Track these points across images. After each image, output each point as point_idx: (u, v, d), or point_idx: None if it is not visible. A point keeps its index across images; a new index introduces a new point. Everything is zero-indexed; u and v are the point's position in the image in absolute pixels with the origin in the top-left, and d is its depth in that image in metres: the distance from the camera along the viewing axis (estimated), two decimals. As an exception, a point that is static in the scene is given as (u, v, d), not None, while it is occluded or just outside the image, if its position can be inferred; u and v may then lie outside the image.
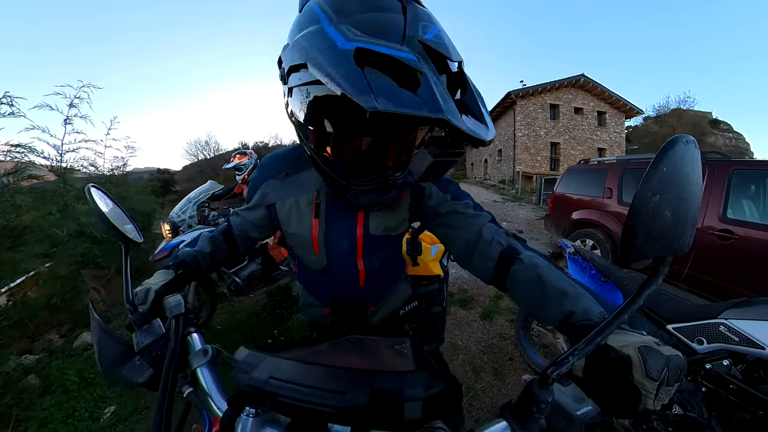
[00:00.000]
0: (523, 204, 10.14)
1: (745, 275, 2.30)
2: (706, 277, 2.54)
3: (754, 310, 1.04)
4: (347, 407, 0.30)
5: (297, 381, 0.33)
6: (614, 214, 3.42)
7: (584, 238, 3.77)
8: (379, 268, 0.72)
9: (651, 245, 0.30)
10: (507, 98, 16.08)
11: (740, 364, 1.01)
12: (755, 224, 2.32)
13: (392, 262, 0.78)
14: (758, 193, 2.43)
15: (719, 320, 1.07)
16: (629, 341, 0.35)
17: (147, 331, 0.51)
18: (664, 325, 1.20)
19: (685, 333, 1.14)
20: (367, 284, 0.72)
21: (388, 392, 0.31)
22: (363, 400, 0.30)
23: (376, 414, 0.31)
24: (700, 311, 1.16)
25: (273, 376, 0.34)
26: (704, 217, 2.57)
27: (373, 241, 0.67)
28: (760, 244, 2.23)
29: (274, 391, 0.33)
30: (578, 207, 3.94)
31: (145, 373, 0.48)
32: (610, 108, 16.81)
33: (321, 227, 0.66)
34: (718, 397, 1.00)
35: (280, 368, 0.35)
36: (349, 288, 0.72)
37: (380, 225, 0.67)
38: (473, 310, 2.83)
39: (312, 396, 0.32)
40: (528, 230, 6.27)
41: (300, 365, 0.35)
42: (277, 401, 0.32)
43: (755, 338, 0.97)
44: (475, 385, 1.86)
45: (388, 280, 0.80)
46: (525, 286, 0.53)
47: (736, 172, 2.50)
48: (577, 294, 0.47)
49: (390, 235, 0.69)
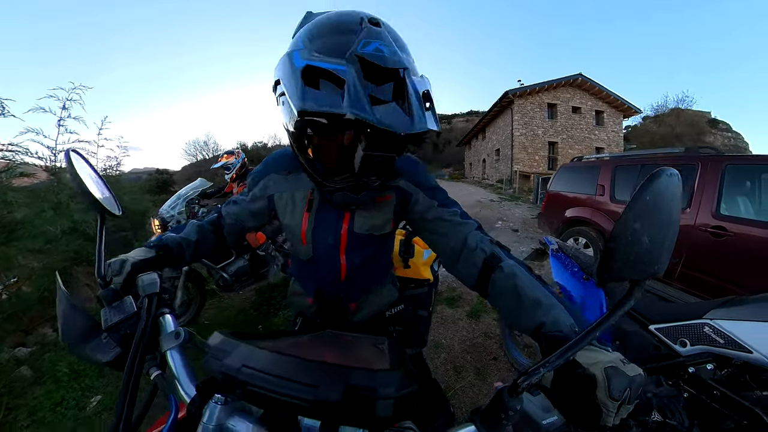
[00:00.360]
0: (520, 203, 10.11)
1: (739, 273, 2.22)
2: (699, 275, 2.47)
3: (741, 310, 0.96)
4: (319, 401, 0.30)
5: (270, 371, 0.32)
6: (606, 212, 3.35)
7: (577, 236, 3.70)
8: (361, 265, 0.74)
9: (628, 268, 0.31)
10: (504, 98, 16.00)
11: (725, 368, 0.93)
12: (749, 221, 2.25)
13: (376, 262, 0.80)
14: (752, 188, 2.36)
15: (703, 321, 0.99)
16: (597, 360, 0.36)
17: (117, 308, 0.50)
18: (646, 325, 1.12)
19: (667, 334, 1.06)
20: (348, 279, 0.75)
21: (361, 389, 0.31)
22: (335, 395, 0.30)
23: (348, 410, 0.30)
24: (685, 311, 1.08)
25: (246, 364, 0.33)
26: (697, 214, 2.50)
27: (356, 239, 0.71)
28: (755, 241, 2.16)
29: (246, 380, 0.32)
30: (571, 205, 3.87)
31: (112, 352, 0.46)
32: (608, 107, 16.75)
33: (310, 221, 0.71)
34: (701, 403, 0.92)
35: (254, 357, 0.34)
36: (331, 281, 0.76)
37: (365, 224, 0.70)
38: (460, 308, 2.77)
39: (284, 388, 0.31)
40: (523, 229, 6.20)
41: (274, 355, 0.34)
42: (248, 390, 0.32)
43: (741, 340, 0.89)
44: (456, 384, 1.81)
45: (370, 279, 0.82)
46: (503, 295, 0.55)
47: (729, 167, 2.43)
48: (550, 305, 0.49)
49: (374, 235, 0.71)
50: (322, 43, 0.49)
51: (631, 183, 3.17)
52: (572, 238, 3.76)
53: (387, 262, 0.88)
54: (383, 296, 0.87)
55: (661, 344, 1.05)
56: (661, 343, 1.06)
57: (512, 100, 15.78)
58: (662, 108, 24.99)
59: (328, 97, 0.43)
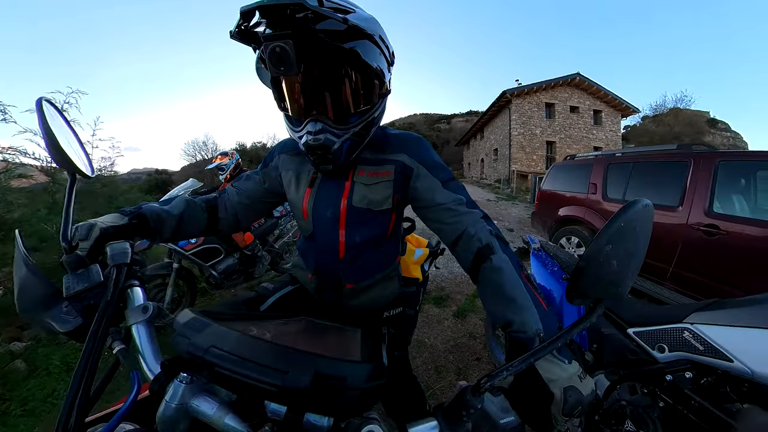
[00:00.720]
0: (517, 203, 10.07)
1: (732, 273, 2.15)
2: (691, 275, 2.39)
3: (723, 314, 0.89)
4: (287, 387, 0.30)
5: (239, 354, 0.32)
6: (599, 210, 3.28)
7: (569, 236, 3.63)
8: (361, 244, 0.73)
9: (594, 288, 0.34)
10: (502, 97, 15.94)
11: (705, 377, 0.85)
12: (743, 218, 2.17)
13: (378, 246, 0.77)
14: (746, 185, 2.28)
15: (683, 325, 0.92)
16: (557, 377, 0.38)
17: (81, 276, 0.47)
18: (624, 328, 1.05)
19: (646, 338, 0.98)
20: (347, 258, 0.74)
21: (329, 378, 0.31)
22: (304, 382, 0.30)
23: (315, 397, 0.31)
24: (665, 314, 1.00)
25: (215, 345, 0.33)
26: (689, 212, 2.43)
27: (355, 213, 0.70)
28: (749, 240, 2.09)
29: (213, 361, 0.32)
30: (564, 203, 3.80)
31: (72, 322, 0.44)
32: (606, 107, 16.67)
33: (312, 196, 0.72)
34: (677, 414, 0.85)
35: (224, 338, 0.34)
36: (330, 257, 0.75)
37: (363, 198, 0.69)
38: (447, 308, 2.72)
39: (253, 371, 0.31)
40: (519, 228, 6.15)
41: (245, 338, 0.34)
42: (216, 372, 0.32)
43: (722, 348, 0.82)
44: (435, 384, 1.77)
45: (370, 264, 0.78)
46: (486, 285, 0.57)
47: (722, 163, 2.35)
48: (524, 306, 0.50)
49: (372, 210, 0.70)
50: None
51: (624, 181, 3.09)
52: (565, 238, 3.69)
53: (390, 251, 0.82)
54: (385, 288, 0.83)
55: (639, 349, 0.98)
56: (638, 348, 0.99)
57: (510, 99, 15.71)
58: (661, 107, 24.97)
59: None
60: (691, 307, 0.97)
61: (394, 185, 0.70)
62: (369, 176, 0.70)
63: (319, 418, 0.33)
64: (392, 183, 0.70)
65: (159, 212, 0.67)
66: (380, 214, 0.71)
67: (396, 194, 0.71)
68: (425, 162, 0.70)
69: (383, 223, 0.74)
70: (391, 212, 0.73)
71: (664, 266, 2.57)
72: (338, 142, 0.60)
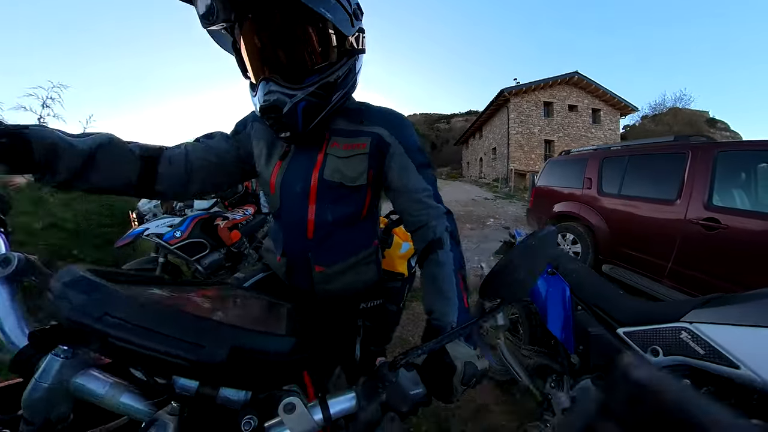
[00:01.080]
0: (515, 201, 9.98)
1: (734, 269, 2.02)
2: (691, 272, 2.27)
3: (727, 311, 0.76)
4: (200, 361, 0.28)
5: (143, 323, 0.28)
6: (594, 206, 3.15)
7: (564, 232, 3.51)
8: (332, 223, 0.67)
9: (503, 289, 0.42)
10: (500, 96, 15.85)
11: (706, 385, 0.73)
12: (744, 211, 2.05)
13: (351, 225, 0.71)
14: (747, 176, 2.16)
15: (681, 324, 0.79)
16: (460, 354, 0.43)
17: None
18: (614, 327, 0.92)
19: (638, 339, 0.86)
20: (316, 237, 0.68)
21: (248, 351, 0.30)
22: (220, 355, 0.29)
23: (231, 372, 0.30)
24: (660, 312, 0.88)
25: (110, 312, 0.28)
26: (688, 206, 2.30)
27: (326, 188, 0.65)
28: (751, 234, 1.96)
29: (107, 331, 0.27)
30: (559, 199, 3.68)
31: None
32: (605, 105, 16.58)
33: (282, 169, 0.68)
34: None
35: (123, 304, 0.29)
36: (298, 236, 0.69)
37: (336, 171, 0.65)
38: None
39: (160, 344, 0.28)
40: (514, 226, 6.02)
41: (151, 306, 0.30)
42: (110, 344, 0.27)
43: (726, 351, 0.69)
44: None
45: (343, 245, 0.71)
46: (426, 274, 0.61)
47: (721, 154, 2.23)
48: (448, 300, 0.55)
49: (345, 185, 0.65)
50: None
51: (619, 175, 2.97)
52: (560, 234, 3.57)
53: (366, 233, 0.76)
54: (360, 274, 0.75)
55: (630, 352, 0.85)
56: (629, 351, 0.86)
57: (508, 98, 15.62)
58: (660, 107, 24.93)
59: None
60: (690, 303, 0.84)
61: (369, 159, 0.65)
62: (344, 149, 0.65)
63: (235, 393, 0.32)
64: (367, 156, 0.65)
65: (56, 140, 0.49)
66: (354, 190, 0.66)
67: (371, 169, 0.66)
68: (404, 140, 0.66)
69: (357, 201, 0.69)
70: (366, 189, 0.68)
71: (661, 263, 2.45)
72: (290, 102, 0.55)
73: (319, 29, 0.55)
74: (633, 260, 2.72)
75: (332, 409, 0.33)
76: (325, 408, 0.33)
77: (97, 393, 0.30)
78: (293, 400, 0.31)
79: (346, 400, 0.34)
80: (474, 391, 1.76)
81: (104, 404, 0.30)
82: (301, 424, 0.30)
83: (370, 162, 0.65)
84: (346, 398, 0.34)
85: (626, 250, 2.78)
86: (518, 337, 1.47)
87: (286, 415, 0.30)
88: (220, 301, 0.47)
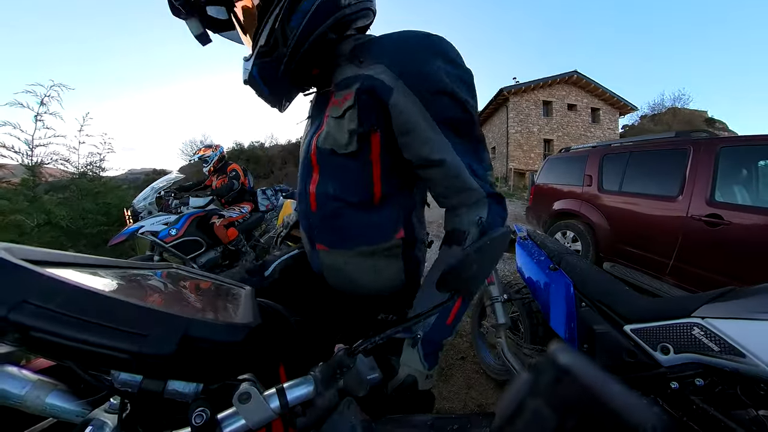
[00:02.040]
0: (514, 200, 9.99)
1: (737, 265, 1.99)
2: (693, 269, 2.23)
3: (743, 305, 0.72)
4: (144, 354, 0.25)
5: (71, 312, 0.24)
6: (595, 204, 3.12)
7: (564, 230, 3.47)
8: (335, 198, 0.56)
9: (458, 283, 0.40)
10: (500, 95, 15.81)
11: (721, 385, 0.68)
12: (748, 207, 2.01)
13: (364, 206, 0.56)
14: (751, 172, 2.12)
15: (692, 320, 0.75)
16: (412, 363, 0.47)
17: None
18: (621, 324, 0.88)
19: (646, 337, 0.82)
20: (319, 213, 0.59)
21: (199, 341, 0.27)
22: (167, 347, 0.26)
23: (181, 363, 0.27)
24: (669, 307, 0.83)
25: (30, 299, 0.23)
26: (690, 202, 2.27)
27: (324, 156, 0.55)
28: (754, 230, 1.92)
29: (28, 323, 0.23)
30: (559, 197, 3.64)
31: None
32: (604, 105, 16.58)
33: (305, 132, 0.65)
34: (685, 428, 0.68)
35: (46, 289, 0.24)
36: (305, 208, 0.62)
37: (328, 137, 0.53)
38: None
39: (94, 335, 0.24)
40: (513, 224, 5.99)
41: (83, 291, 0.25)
42: (32, 337, 0.23)
43: (743, 347, 0.65)
44: None
45: (351, 228, 0.57)
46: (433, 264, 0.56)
47: (723, 150, 2.19)
48: (423, 294, 0.55)
49: (336, 153, 0.53)
50: None
51: (620, 172, 2.94)
52: (560, 232, 3.53)
53: (386, 218, 0.58)
54: (376, 270, 0.59)
55: (637, 350, 0.81)
56: (637, 349, 0.82)
57: (507, 97, 15.58)
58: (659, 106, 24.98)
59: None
60: (702, 298, 0.80)
61: (359, 114, 0.49)
62: (338, 105, 0.52)
63: (185, 385, 0.30)
64: (356, 111, 0.49)
65: None
66: (349, 159, 0.52)
67: (371, 130, 0.50)
68: (416, 80, 0.46)
69: (361, 173, 0.54)
70: (368, 158, 0.52)
71: (663, 260, 2.41)
72: (246, 72, 0.52)
73: None
74: (634, 258, 2.68)
75: (289, 396, 0.32)
76: (282, 395, 0.32)
77: (14, 395, 0.27)
78: (248, 389, 0.30)
79: (303, 387, 0.34)
80: (475, 391, 1.74)
81: (26, 407, 0.27)
82: (257, 413, 0.29)
83: (362, 119, 0.49)
84: (304, 384, 0.34)
85: (627, 248, 2.75)
86: (519, 336, 1.43)
87: (241, 405, 0.29)
88: (169, 286, 0.44)
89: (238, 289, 0.46)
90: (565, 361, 0.16)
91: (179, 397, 0.29)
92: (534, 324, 1.35)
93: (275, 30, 0.47)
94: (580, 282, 1.06)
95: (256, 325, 0.33)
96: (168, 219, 2.81)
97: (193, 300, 0.43)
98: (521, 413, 0.16)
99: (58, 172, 3.65)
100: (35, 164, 3.20)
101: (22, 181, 3.12)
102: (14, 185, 3.14)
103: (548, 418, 0.15)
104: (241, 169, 3.48)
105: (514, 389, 0.18)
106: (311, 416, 0.33)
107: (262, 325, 0.35)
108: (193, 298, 0.43)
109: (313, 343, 0.77)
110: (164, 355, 0.26)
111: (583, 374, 0.15)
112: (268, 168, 19.71)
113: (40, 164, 3.29)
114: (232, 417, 0.29)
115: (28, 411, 0.27)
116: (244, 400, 0.29)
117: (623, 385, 0.14)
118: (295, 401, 0.32)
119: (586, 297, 1.02)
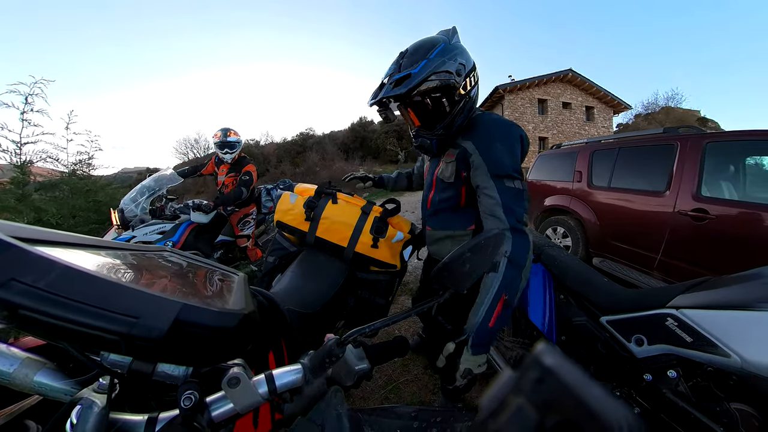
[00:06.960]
0: (508, 198, 9.98)
1: (722, 258, 2.00)
2: (680, 263, 2.24)
3: (716, 294, 0.71)
4: (134, 336, 0.25)
5: (61, 292, 0.24)
6: (584, 200, 3.12)
7: (555, 226, 3.47)
8: (439, 202, 0.99)
9: (450, 279, 0.45)
10: (495, 93, 15.82)
11: (694, 378, 0.67)
12: (732, 201, 2.02)
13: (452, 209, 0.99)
14: (736, 167, 2.13)
15: (666, 310, 0.74)
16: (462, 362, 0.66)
17: None
18: (597, 316, 0.87)
19: (621, 328, 0.80)
20: (431, 210, 1.04)
21: (190, 325, 0.27)
22: (158, 330, 0.26)
23: (171, 347, 0.27)
24: (645, 298, 0.82)
25: (18, 277, 0.23)
26: (677, 198, 2.27)
27: (438, 181, 0.98)
28: (739, 224, 1.93)
29: (17, 301, 0.23)
30: (550, 193, 3.64)
31: None
32: (599, 103, 16.68)
33: (429, 167, 1.09)
34: (659, 423, 0.66)
35: (36, 268, 0.24)
36: (424, 207, 1.08)
37: (442, 172, 0.95)
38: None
39: (84, 316, 0.24)
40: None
41: (75, 271, 0.25)
42: (21, 316, 0.23)
43: (716, 339, 0.63)
44: (399, 377, 1.64)
45: (444, 220, 1.01)
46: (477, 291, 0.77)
47: (709, 145, 2.20)
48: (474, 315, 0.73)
49: (443, 181, 0.95)
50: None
51: (609, 167, 2.94)
52: (551, 228, 3.54)
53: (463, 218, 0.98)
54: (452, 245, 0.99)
55: (612, 341, 0.80)
56: (612, 340, 0.80)
57: (503, 95, 15.61)
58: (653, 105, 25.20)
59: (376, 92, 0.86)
60: (677, 288, 0.78)
61: (456, 164, 0.90)
62: (448, 156, 0.93)
63: (174, 368, 0.30)
64: (455, 163, 0.90)
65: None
66: (450, 185, 0.94)
67: (462, 171, 0.89)
68: (485, 151, 0.82)
69: (454, 192, 0.95)
70: (460, 186, 0.92)
71: (651, 255, 2.42)
72: (428, 141, 0.91)
73: (437, 101, 0.82)
74: (623, 253, 2.69)
75: (278, 382, 0.33)
76: (270, 381, 0.32)
77: (2, 371, 0.27)
78: (238, 374, 0.30)
79: (292, 374, 0.34)
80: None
81: (13, 385, 0.28)
82: (245, 398, 0.30)
83: (458, 166, 0.89)
84: (293, 371, 0.34)
85: (616, 243, 2.75)
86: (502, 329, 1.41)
87: (230, 389, 0.29)
88: (162, 270, 0.44)
89: (232, 275, 0.47)
90: (549, 362, 0.17)
91: (169, 380, 0.30)
92: (516, 317, 1.33)
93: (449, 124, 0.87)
94: (560, 274, 1.04)
95: (249, 311, 0.33)
96: (164, 228, 2.43)
97: (187, 284, 0.43)
98: (504, 409, 0.17)
99: (47, 172, 3.64)
100: (24, 162, 3.15)
101: (11, 179, 3.07)
102: (3, 184, 3.10)
103: (530, 416, 0.15)
104: (256, 173, 2.91)
105: (499, 386, 0.18)
106: (298, 403, 0.35)
107: (254, 312, 0.35)
108: (186, 283, 0.43)
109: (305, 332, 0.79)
110: (155, 338, 0.26)
111: (564, 375, 0.16)
112: (264, 166, 19.53)
113: (30, 162, 3.23)
114: (220, 401, 0.30)
115: (16, 388, 0.27)
116: (233, 384, 0.29)
117: (603, 387, 0.15)
118: (284, 388, 0.33)
119: (565, 289, 1.00)
